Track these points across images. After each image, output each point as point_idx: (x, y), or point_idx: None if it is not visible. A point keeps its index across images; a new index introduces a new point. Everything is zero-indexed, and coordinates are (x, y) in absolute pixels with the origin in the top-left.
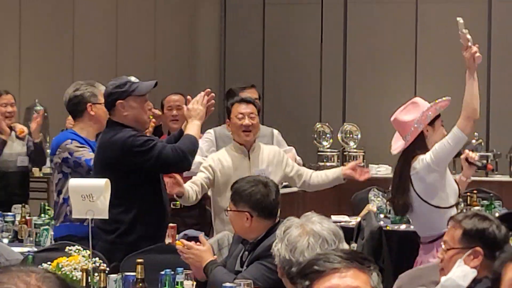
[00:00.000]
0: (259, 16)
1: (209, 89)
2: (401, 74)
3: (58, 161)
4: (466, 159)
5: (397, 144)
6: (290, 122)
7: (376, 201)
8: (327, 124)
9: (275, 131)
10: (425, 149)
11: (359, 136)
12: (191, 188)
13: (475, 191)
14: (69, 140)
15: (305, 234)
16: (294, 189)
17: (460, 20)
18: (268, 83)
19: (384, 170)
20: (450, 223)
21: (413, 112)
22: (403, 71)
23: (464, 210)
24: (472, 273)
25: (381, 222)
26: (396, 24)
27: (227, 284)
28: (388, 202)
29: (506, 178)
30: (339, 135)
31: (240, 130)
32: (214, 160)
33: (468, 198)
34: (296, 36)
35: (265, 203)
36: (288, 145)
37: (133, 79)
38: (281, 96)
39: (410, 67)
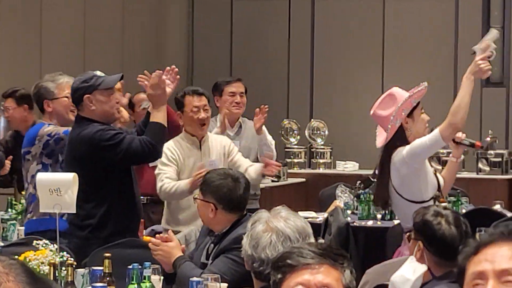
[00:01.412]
0: (227, 12)
1: (172, 67)
2: (369, 71)
3: (37, 151)
4: (453, 139)
5: (381, 137)
6: None
7: (343, 197)
8: (294, 120)
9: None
10: (405, 142)
11: (326, 132)
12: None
13: None
14: (46, 125)
15: (268, 230)
16: (262, 185)
17: (494, 31)
18: None
19: (351, 167)
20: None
21: (390, 105)
22: (371, 67)
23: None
24: (421, 268)
25: (348, 218)
26: (364, 21)
27: (194, 279)
28: (355, 198)
29: (473, 175)
30: (306, 132)
31: (195, 123)
32: (172, 152)
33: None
34: (264, 32)
35: (231, 197)
36: None
37: (98, 73)
38: (248, 92)
39: (378, 64)
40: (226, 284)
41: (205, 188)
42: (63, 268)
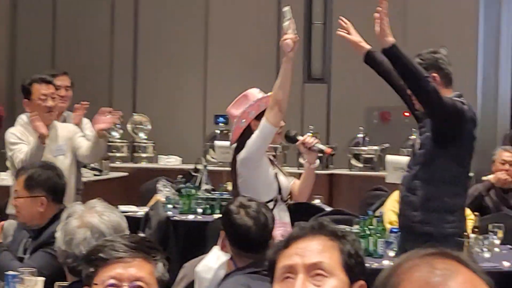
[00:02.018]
0: (49, 5)
1: None
2: (192, 65)
3: None
4: (303, 144)
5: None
6: None
7: (164, 191)
8: None
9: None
10: None
11: (149, 127)
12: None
13: None
14: None
15: (83, 226)
16: (84, 179)
17: (285, 9)
18: None
19: (173, 161)
20: None
21: (243, 105)
22: (194, 61)
23: None
24: (223, 257)
25: (169, 213)
26: (187, 14)
27: (10, 273)
28: (176, 192)
29: (295, 170)
30: (129, 126)
31: (44, 111)
32: (21, 134)
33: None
34: (87, 27)
35: (58, 187)
36: None
37: None
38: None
39: (200, 57)
40: (43, 278)
41: (33, 183)
42: None
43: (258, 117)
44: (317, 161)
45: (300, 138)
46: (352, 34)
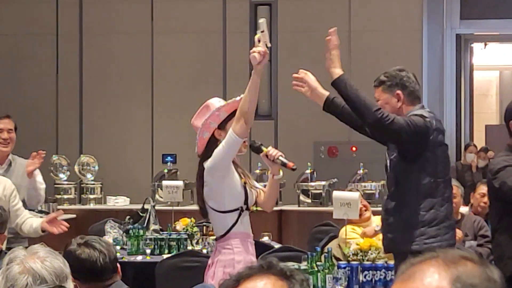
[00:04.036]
0: None
1: None
2: (138, 103)
3: None
4: (267, 156)
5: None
6: (25, 154)
7: (112, 233)
8: (64, 156)
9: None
10: None
11: (96, 167)
12: None
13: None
14: None
15: (25, 272)
16: None
17: (261, 20)
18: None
19: (121, 202)
20: None
21: (204, 116)
22: (140, 99)
23: (200, 240)
24: None
25: (118, 254)
26: (132, 54)
27: None
28: (124, 234)
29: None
30: (76, 167)
31: None
32: None
33: (204, 227)
34: (30, 67)
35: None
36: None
37: None
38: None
39: (147, 96)
40: None
41: None
42: None
43: (221, 125)
44: (281, 173)
45: (264, 149)
46: (309, 82)
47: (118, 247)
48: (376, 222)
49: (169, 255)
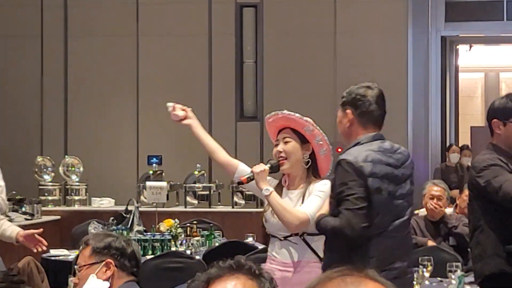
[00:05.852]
0: None
1: None
2: (124, 105)
3: None
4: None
5: None
6: (10, 156)
7: None
8: (48, 157)
9: None
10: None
11: (81, 169)
12: None
13: (195, 222)
14: None
15: None
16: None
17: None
18: None
19: (106, 203)
20: (81, 245)
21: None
22: (126, 101)
23: (184, 241)
24: (105, 285)
25: None
26: (118, 56)
27: None
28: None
29: (228, 208)
30: (60, 169)
31: None
32: None
33: (188, 228)
34: (16, 69)
35: None
36: (5, 179)
37: None
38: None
39: (132, 97)
40: None
41: None
42: None
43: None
44: (264, 186)
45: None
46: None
47: None
48: None
49: (153, 256)
